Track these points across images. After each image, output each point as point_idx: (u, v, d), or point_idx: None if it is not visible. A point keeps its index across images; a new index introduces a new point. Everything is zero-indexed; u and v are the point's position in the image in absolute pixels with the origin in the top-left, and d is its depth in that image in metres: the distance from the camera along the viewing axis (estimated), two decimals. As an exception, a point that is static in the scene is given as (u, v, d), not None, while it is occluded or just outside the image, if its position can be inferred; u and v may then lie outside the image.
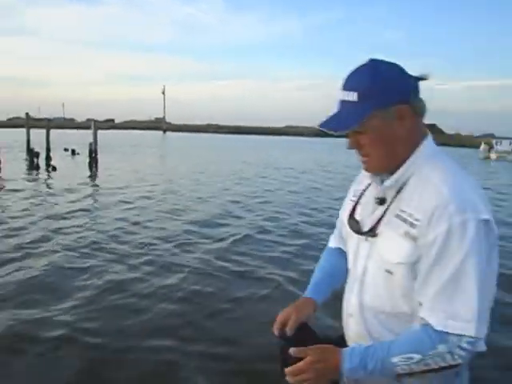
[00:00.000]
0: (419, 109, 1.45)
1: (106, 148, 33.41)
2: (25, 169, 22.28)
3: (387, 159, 1.46)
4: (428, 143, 1.48)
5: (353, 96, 1.40)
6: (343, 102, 1.43)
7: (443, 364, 1.32)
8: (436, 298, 1.32)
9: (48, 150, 26.75)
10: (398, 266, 1.40)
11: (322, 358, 1.36)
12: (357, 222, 1.60)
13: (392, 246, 1.42)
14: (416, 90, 1.44)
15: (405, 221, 1.39)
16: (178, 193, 15.29)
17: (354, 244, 1.60)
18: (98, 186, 16.91)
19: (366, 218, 1.56)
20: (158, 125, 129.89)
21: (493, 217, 1.33)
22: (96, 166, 23.68)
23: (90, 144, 25.39)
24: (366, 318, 1.52)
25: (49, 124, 29.90)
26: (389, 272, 1.43)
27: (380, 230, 1.47)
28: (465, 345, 1.29)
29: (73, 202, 12.94)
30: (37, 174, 20.05)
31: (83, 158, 26.07)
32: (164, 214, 11.58)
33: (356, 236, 1.58)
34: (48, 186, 16.53)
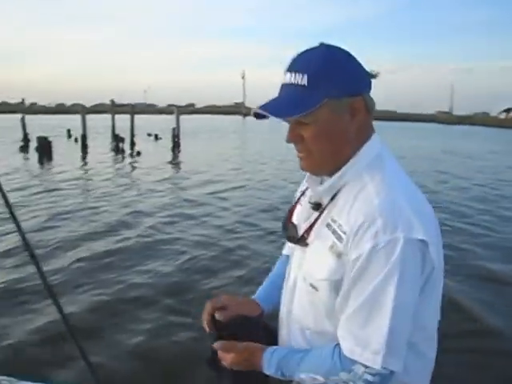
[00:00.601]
0: (371, 105, 1.30)
1: (188, 133, 33.75)
2: (111, 154, 22.84)
3: (330, 159, 1.31)
4: (373, 144, 1.33)
5: (302, 79, 1.23)
6: (289, 86, 1.25)
7: None
8: (350, 321, 1.23)
9: (132, 135, 27.30)
10: (322, 283, 1.30)
11: (245, 359, 1.37)
12: (294, 225, 1.47)
13: (318, 259, 1.31)
14: (370, 84, 1.31)
15: (334, 232, 1.27)
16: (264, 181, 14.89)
17: (292, 252, 1.53)
18: (180, 169, 17.13)
19: (301, 223, 1.44)
20: (238, 109, 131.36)
21: (436, 237, 1.21)
22: (178, 150, 23.92)
23: (173, 129, 25.66)
24: (292, 330, 1.45)
25: (133, 110, 30.59)
26: (313, 287, 1.33)
27: (311, 239, 1.36)
28: (368, 377, 1.20)
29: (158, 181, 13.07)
30: (122, 159, 20.48)
31: (166, 143, 26.38)
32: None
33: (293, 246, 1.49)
34: (133, 169, 16.85)
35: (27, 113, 35.14)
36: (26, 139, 26.46)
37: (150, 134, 33.89)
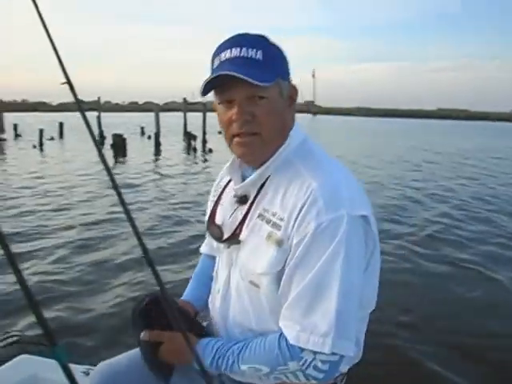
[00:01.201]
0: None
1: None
2: (183, 151, 22.92)
3: (275, 139, 1.29)
4: (298, 132, 1.35)
5: (256, 54, 1.22)
6: (242, 59, 1.21)
7: (296, 381, 1.20)
8: (294, 306, 1.17)
9: (204, 133, 27.32)
10: (263, 277, 1.24)
11: (175, 349, 1.30)
12: (218, 227, 1.42)
13: (256, 253, 1.25)
14: None
15: (268, 221, 1.25)
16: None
17: (218, 252, 1.48)
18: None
19: (227, 222, 1.40)
20: (308, 107, 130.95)
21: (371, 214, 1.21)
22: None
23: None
24: (231, 335, 1.35)
25: (205, 108, 30.65)
26: (254, 284, 1.27)
27: (243, 235, 1.30)
28: (319, 364, 1.15)
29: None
30: (195, 157, 20.43)
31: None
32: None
33: (216, 244, 1.45)
34: (205, 167, 16.68)
35: (102, 111, 36.03)
36: (101, 137, 27.21)
37: (220, 132, 33.66)
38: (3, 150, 21.64)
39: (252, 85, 1.17)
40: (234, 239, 1.32)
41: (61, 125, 31.03)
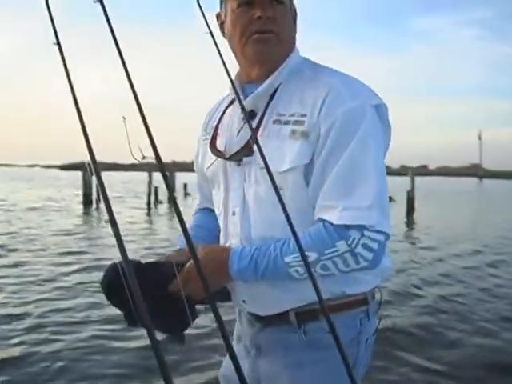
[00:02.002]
0: None
1: (421, 196, 31.93)
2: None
3: (288, 43, 1.41)
4: (297, 51, 1.45)
5: None
6: None
7: (345, 269, 1.22)
8: (333, 189, 1.22)
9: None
10: (288, 174, 1.28)
11: (211, 258, 1.27)
12: (221, 152, 1.45)
13: (278, 153, 1.29)
14: None
15: (287, 123, 1.31)
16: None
17: (221, 184, 1.47)
18: (417, 238, 15.27)
19: (232, 143, 1.42)
20: (474, 171, 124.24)
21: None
22: (413, 215, 22.37)
23: (408, 192, 24.45)
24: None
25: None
26: (277, 188, 1.23)
27: (260, 141, 1.29)
28: (367, 241, 1.18)
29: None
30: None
31: (399, 206, 25.09)
32: None
33: (222, 170, 1.45)
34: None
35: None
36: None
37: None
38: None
39: None
40: (246, 150, 1.34)
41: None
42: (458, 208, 28.42)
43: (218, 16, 1.49)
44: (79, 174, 27.14)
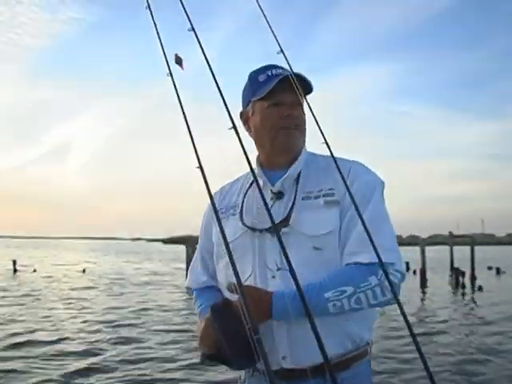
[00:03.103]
0: None
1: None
2: (449, 287, 22.16)
3: (303, 139, 1.72)
4: (305, 146, 1.75)
5: (296, 74, 1.58)
6: (287, 76, 1.56)
7: (373, 301, 1.42)
8: (360, 240, 1.43)
9: (473, 268, 26.16)
10: (329, 236, 1.51)
11: (254, 300, 1.31)
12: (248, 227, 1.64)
13: (314, 221, 1.53)
14: None
15: (317, 197, 1.57)
16: None
17: (249, 252, 1.61)
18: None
19: (260, 219, 1.57)
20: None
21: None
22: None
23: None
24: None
25: (473, 241, 29.50)
26: (317, 249, 1.50)
27: (293, 216, 1.56)
28: (391, 277, 1.37)
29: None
30: (463, 294, 19.61)
31: (509, 278, 24.38)
32: None
33: (250, 240, 1.61)
34: (475, 307, 15.85)
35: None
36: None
37: (490, 267, 31.93)
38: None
39: (295, 94, 1.54)
40: (285, 222, 1.55)
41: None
42: None
43: (242, 114, 1.75)
44: (181, 247, 27.67)
